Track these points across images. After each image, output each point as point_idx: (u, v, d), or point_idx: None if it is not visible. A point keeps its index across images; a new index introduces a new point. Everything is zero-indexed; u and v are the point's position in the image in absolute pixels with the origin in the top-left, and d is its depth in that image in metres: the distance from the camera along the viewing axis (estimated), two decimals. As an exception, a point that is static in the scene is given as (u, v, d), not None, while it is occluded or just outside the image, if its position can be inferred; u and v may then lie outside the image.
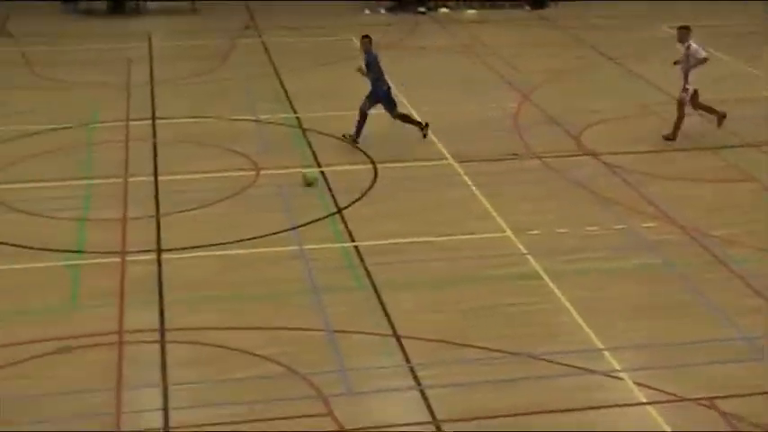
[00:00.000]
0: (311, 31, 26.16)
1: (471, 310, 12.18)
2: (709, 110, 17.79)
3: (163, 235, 14.19)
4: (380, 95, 17.51)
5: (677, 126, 17.63)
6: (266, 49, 24.36)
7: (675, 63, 17.79)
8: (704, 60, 17.28)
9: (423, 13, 28.12)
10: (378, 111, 17.68)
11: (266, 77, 21.86)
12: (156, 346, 11.36)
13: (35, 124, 18.51)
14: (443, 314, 12.08)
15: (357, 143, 17.46)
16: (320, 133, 18.17)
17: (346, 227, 14.43)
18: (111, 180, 16.12)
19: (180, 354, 11.24)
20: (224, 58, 23.42)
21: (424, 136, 17.73)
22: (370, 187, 15.86)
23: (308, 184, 15.70)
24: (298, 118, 19.08)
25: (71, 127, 18.56)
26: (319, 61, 23.30)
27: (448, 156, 17.07)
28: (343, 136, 17.61)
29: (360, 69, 17.47)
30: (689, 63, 17.36)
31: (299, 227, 14.39)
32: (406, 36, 25.75)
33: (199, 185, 15.93)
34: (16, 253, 13.62)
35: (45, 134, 18.13)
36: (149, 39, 25.52)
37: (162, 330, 11.69)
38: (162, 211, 15.01)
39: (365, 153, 17.15)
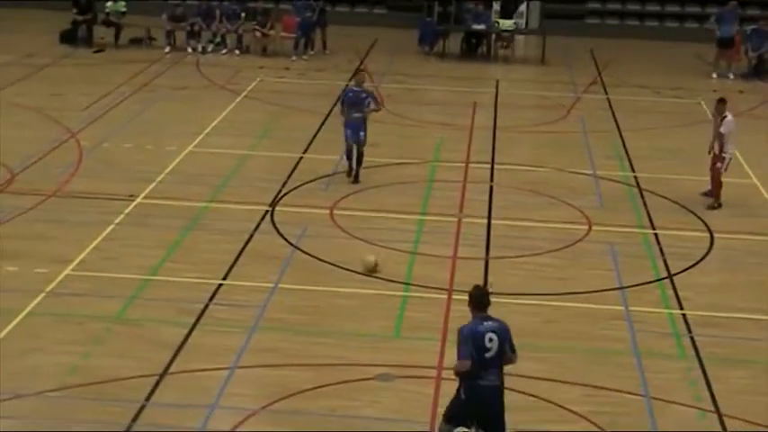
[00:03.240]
0: (656, 92, 25.76)
1: (803, 399, 11.52)
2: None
3: (490, 278, 14.37)
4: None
5: None
6: (610, 105, 24.21)
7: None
8: None
9: (778, 83, 27.01)
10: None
11: (608, 134, 21.71)
12: (473, 387, 11.48)
13: (381, 157, 19.28)
14: (772, 398, 11.50)
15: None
16: (657, 195, 17.83)
17: (676, 293, 14.05)
18: (445, 218, 16.52)
19: (495, 397, 11.31)
20: (567, 111, 23.49)
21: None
22: (705, 256, 15.38)
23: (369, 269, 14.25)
24: (636, 177, 18.82)
25: (414, 162, 19.22)
26: (663, 122, 22.89)
27: (792, 234, 16.30)
28: None
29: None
30: None
31: (626, 287, 14.16)
32: (759, 105, 24.79)
33: (530, 233, 16.03)
34: (349, 277, 14.21)
35: (390, 167, 18.84)
36: (497, 85, 26.02)
37: (480, 372, 11.79)
38: (491, 254, 15.21)
39: (702, 220, 16.67)
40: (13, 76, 24.55)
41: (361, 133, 17.84)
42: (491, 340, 9.39)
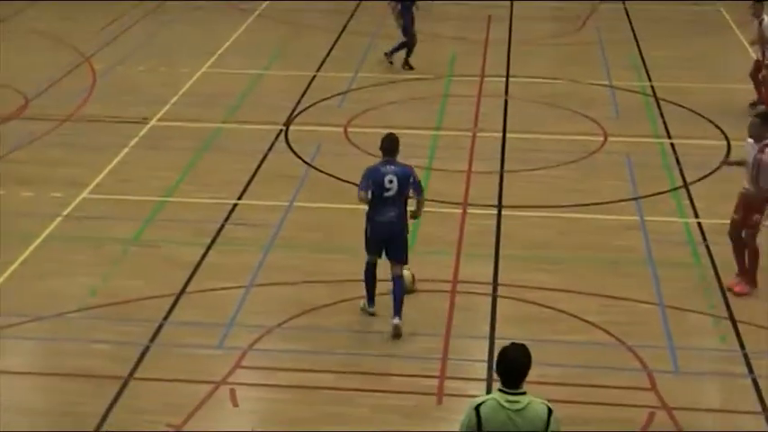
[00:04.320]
0: None
1: (817, 304, 11.53)
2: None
3: (505, 191, 14.37)
4: None
5: None
6: (627, 14, 23.90)
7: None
8: None
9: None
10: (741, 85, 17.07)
11: (625, 44, 21.48)
12: (487, 299, 11.57)
13: (394, 73, 19.19)
14: (786, 304, 11.51)
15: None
16: (674, 104, 17.70)
17: (691, 203, 14.03)
18: (460, 133, 16.47)
19: (510, 309, 11.40)
20: (583, 22, 23.22)
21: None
22: (722, 165, 15.27)
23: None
24: (653, 87, 18.66)
25: (428, 78, 19.12)
26: (681, 30, 22.62)
27: (809, 139, 16.13)
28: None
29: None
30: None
31: (641, 197, 14.13)
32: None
33: (546, 146, 15.98)
34: (364, 194, 14.22)
35: (404, 83, 18.77)
36: (512, -3, 25.71)
37: (494, 285, 11.88)
38: (506, 168, 15.19)
39: (719, 128, 16.55)
40: (25, 2, 24.44)
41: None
42: (390, 182, 10.82)
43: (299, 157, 15.40)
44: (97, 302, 11.44)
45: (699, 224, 13.39)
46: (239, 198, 14.02)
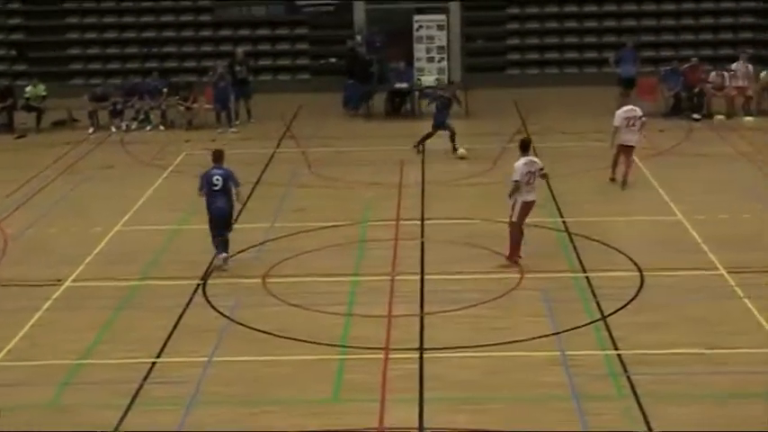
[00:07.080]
0: (580, 136, 26.11)
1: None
2: None
3: (426, 334, 14.35)
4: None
5: None
6: (536, 152, 24.34)
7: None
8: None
9: (697, 120, 27.50)
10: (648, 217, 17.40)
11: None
12: (415, 445, 11.44)
13: (312, 221, 19.29)
14: (712, 432, 11.55)
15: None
16: (587, 238, 18.00)
17: (610, 334, 14.13)
18: (378, 277, 16.51)
19: (437, 454, 11.27)
20: (494, 162, 23.66)
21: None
22: (636, 295, 15.50)
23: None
24: (564, 222, 18.99)
25: (344, 225, 19.23)
26: (588, 165, 23.14)
27: (719, 266, 16.48)
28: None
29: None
30: None
31: (561, 332, 14.21)
32: (681, 142, 25.26)
33: (464, 286, 16.07)
34: (285, 344, 14.11)
35: (320, 231, 18.84)
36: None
37: (421, 428, 11.75)
38: (426, 309, 15.21)
39: (631, 259, 16.83)
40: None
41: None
42: (217, 180, 16.70)
43: (218, 311, 15.26)
44: (13, 474, 11.05)
45: (619, 356, 13.47)
46: (158, 355, 13.79)
